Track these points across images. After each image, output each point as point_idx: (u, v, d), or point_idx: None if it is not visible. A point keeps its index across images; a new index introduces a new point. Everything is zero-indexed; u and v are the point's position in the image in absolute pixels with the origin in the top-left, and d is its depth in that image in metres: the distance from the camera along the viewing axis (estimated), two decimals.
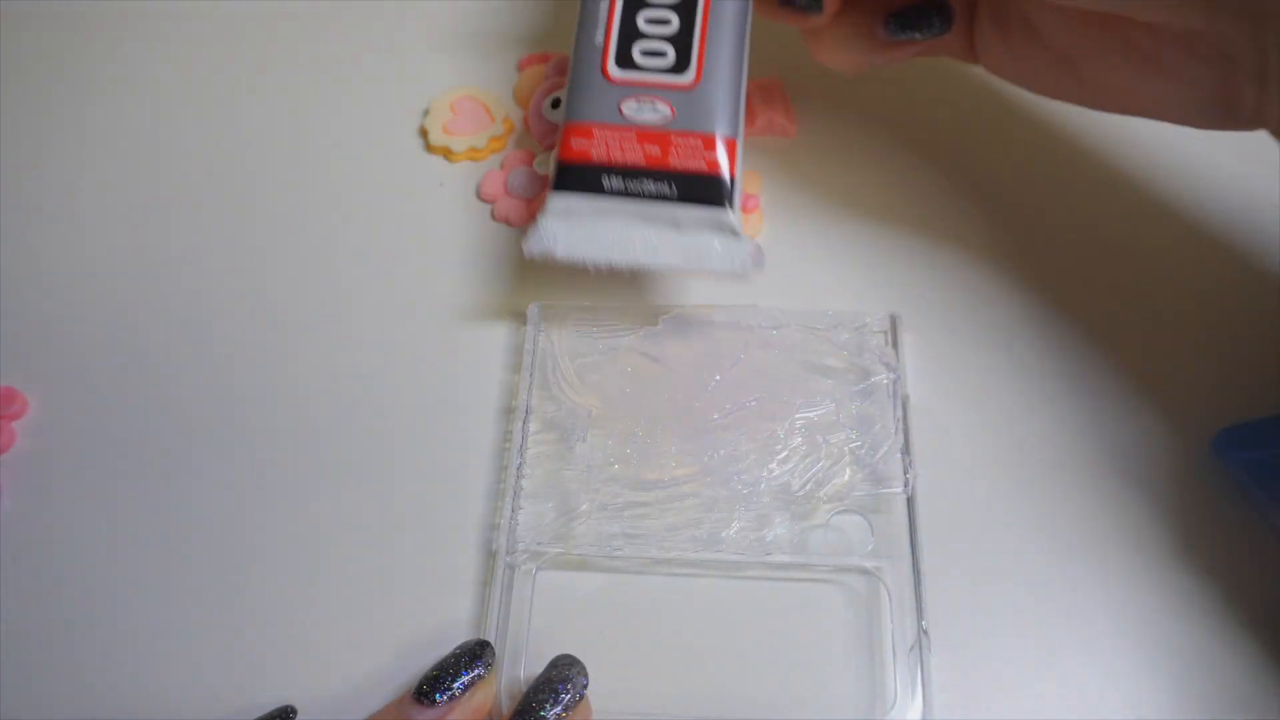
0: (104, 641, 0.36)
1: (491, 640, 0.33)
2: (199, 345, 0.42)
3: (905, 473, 0.37)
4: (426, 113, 0.49)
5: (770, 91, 0.48)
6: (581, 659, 0.33)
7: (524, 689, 0.32)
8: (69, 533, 0.38)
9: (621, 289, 0.42)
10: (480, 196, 0.46)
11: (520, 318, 0.41)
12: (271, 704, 0.34)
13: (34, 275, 0.45)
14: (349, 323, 0.43)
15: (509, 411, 0.39)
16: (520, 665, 0.34)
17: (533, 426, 0.38)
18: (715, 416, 0.37)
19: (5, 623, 0.36)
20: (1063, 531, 0.37)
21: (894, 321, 0.40)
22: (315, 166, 0.48)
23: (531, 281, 0.43)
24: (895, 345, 0.40)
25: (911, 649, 0.33)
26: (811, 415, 0.37)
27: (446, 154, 0.48)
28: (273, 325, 0.43)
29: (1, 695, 0.35)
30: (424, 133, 0.48)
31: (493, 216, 0.46)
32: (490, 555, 0.36)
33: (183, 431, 0.40)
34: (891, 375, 0.39)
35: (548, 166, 0.44)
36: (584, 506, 0.36)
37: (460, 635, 0.35)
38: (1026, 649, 0.34)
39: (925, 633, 0.33)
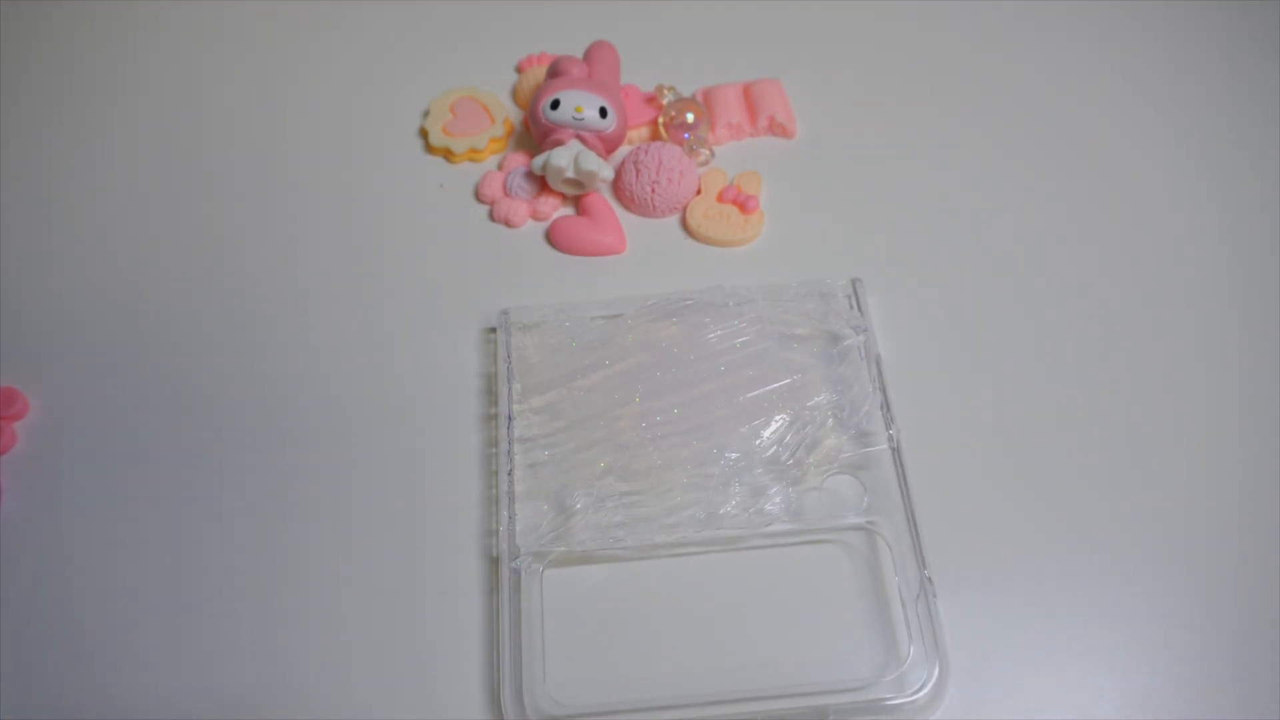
0: (104, 642, 0.35)
1: (504, 644, 0.33)
2: (198, 347, 0.42)
3: (888, 428, 0.37)
4: (426, 113, 0.49)
5: (770, 91, 0.48)
6: (598, 649, 0.33)
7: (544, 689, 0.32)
8: (69, 533, 0.37)
9: (599, 285, 0.43)
10: (479, 198, 0.46)
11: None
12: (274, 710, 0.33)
13: (34, 275, 0.44)
14: (350, 324, 0.43)
15: (499, 416, 0.39)
16: (538, 664, 0.34)
17: (517, 429, 0.38)
18: (696, 396, 0.38)
19: (5, 623, 0.35)
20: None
21: (855, 285, 0.41)
22: (316, 167, 0.48)
23: (530, 282, 0.43)
24: (860, 308, 0.40)
25: (918, 597, 0.34)
26: (790, 383, 0.38)
27: (447, 155, 0.48)
28: (271, 326, 0.43)
29: (1, 695, 0.34)
30: (424, 134, 0.48)
31: (491, 218, 0.46)
32: (492, 561, 0.36)
33: (182, 433, 0.40)
34: (861, 336, 0.39)
35: (542, 168, 0.45)
36: (579, 504, 0.36)
37: (473, 641, 0.34)
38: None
39: (929, 580, 0.34)
